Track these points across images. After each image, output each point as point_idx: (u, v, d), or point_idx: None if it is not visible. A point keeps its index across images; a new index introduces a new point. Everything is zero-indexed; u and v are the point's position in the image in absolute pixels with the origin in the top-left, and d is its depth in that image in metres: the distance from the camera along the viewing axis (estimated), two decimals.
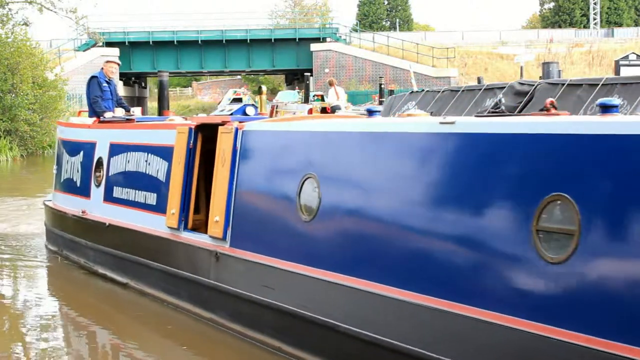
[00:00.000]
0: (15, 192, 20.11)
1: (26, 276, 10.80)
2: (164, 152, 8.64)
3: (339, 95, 24.63)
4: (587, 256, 4.39)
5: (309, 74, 36.82)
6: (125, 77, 56.33)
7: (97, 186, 10.08)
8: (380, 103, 31.28)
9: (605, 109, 4.79)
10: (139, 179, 9.14)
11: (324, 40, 55.49)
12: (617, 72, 35.32)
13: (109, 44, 51.47)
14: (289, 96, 39.92)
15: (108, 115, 10.64)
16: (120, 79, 51.65)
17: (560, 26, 76.64)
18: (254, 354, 6.80)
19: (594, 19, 72.86)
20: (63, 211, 11.02)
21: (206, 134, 8.25)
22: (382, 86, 38.21)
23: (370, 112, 6.91)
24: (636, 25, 79.48)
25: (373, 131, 6.14)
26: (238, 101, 42.29)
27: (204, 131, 8.27)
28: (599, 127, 4.54)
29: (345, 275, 5.94)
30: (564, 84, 13.81)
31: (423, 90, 21.61)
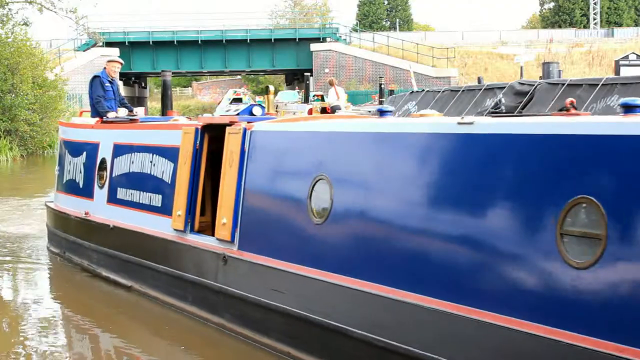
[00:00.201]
0: (15, 192, 20.07)
1: (28, 278, 10.67)
2: (169, 152, 8.49)
3: (339, 95, 24.61)
4: (615, 261, 4.25)
5: (309, 74, 36.78)
6: (125, 77, 56.32)
7: (101, 187, 9.94)
8: (381, 103, 31.29)
9: (629, 109, 4.67)
10: (143, 180, 8.99)
11: (324, 40, 55.50)
12: (617, 72, 35.28)
13: (109, 44, 51.47)
14: (289, 96, 39.86)
15: (111, 115, 10.52)
16: (120, 79, 51.61)
17: (560, 26, 76.62)
18: (263, 358, 6.70)
19: (594, 19, 72.85)
20: (65, 212, 10.88)
21: (212, 134, 8.10)
22: (382, 86, 38.21)
23: (381, 112, 6.70)
24: (636, 25, 79.46)
25: (388, 132, 5.96)
26: (238, 101, 42.23)
27: (210, 131, 8.12)
28: (624, 127, 4.40)
29: (358, 280, 5.78)
30: (564, 84, 13.86)
31: (423, 90, 21.68)
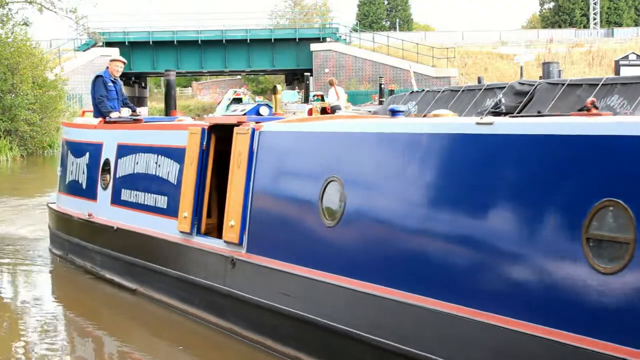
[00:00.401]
0: (15, 192, 20.01)
1: (30, 281, 10.53)
2: (175, 153, 8.34)
3: (339, 95, 24.60)
4: None
5: (308, 74, 36.82)
6: (125, 77, 56.26)
7: (104, 188, 9.79)
8: (381, 103, 31.27)
9: None
10: (148, 182, 8.83)
11: (323, 40, 55.54)
12: (617, 72, 35.29)
13: (109, 44, 51.49)
14: (289, 96, 39.93)
15: (114, 115, 10.39)
16: (120, 79, 51.57)
17: (560, 26, 76.62)
18: None
19: (594, 19, 72.84)
20: (68, 214, 10.74)
21: (219, 134, 7.96)
22: (382, 86, 38.22)
23: (393, 112, 6.51)
24: (636, 25, 79.46)
25: (403, 132, 5.78)
26: (238, 101, 42.34)
27: (217, 132, 7.97)
28: None
29: (371, 284, 5.62)
30: (564, 84, 13.83)
31: (423, 90, 21.67)
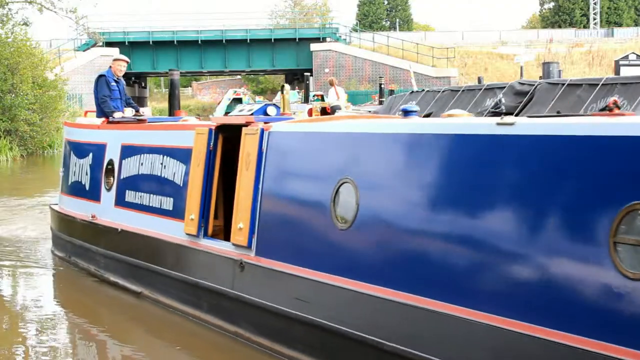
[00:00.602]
0: (15, 192, 19.98)
1: (32, 282, 10.35)
2: (181, 154, 8.18)
3: (339, 95, 24.59)
4: None
5: (308, 74, 36.82)
6: (125, 77, 56.12)
7: (108, 190, 9.63)
8: (381, 103, 31.27)
9: None
10: (153, 183, 8.67)
11: (323, 40, 55.56)
12: (617, 72, 35.29)
13: (109, 44, 51.50)
14: (289, 96, 39.90)
15: (117, 115, 10.26)
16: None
17: (560, 26, 76.62)
18: None
19: (594, 19, 72.85)
20: (71, 215, 10.57)
21: (226, 135, 7.81)
22: (382, 86, 38.20)
23: (406, 112, 6.30)
24: (636, 25, 79.47)
25: (420, 133, 5.61)
26: (238, 101, 42.41)
27: (224, 132, 7.82)
28: None
29: (385, 288, 5.46)
30: (564, 84, 13.83)
31: (423, 90, 21.65)
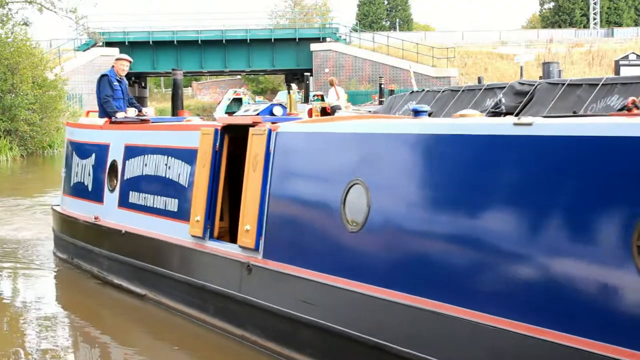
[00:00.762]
0: (15, 192, 19.99)
1: (34, 285, 10.19)
2: (186, 154, 8.07)
3: (339, 95, 24.62)
4: None
5: (308, 74, 36.79)
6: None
7: (111, 191, 9.53)
8: (380, 103, 31.26)
9: None
10: (158, 184, 8.57)
11: (323, 40, 55.55)
12: (617, 72, 35.29)
13: (109, 44, 51.48)
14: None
15: (120, 115, 10.16)
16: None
17: (560, 26, 76.63)
18: None
19: (594, 19, 72.86)
20: (73, 217, 10.47)
21: (232, 135, 7.72)
22: (382, 86, 38.19)
23: (416, 112, 6.16)
24: (636, 25, 79.47)
25: (432, 133, 5.49)
26: (238, 101, 42.44)
27: (230, 132, 7.73)
28: None
29: (396, 292, 5.37)
30: (564, 84, 13.82)
31: (423, 90, 21.64)
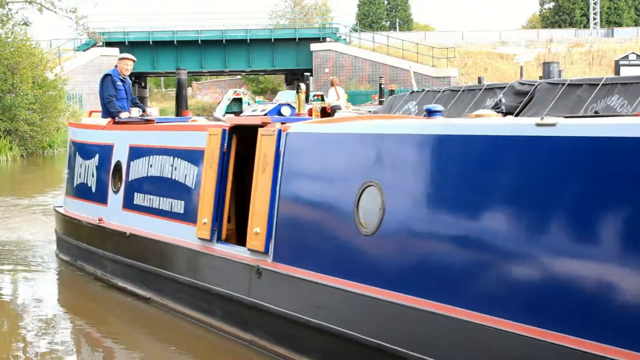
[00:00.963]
0: (16, 192, 19.96)
1: (37, 287, 9.98)
2: (193, 155, 7.92)
3: (339, 95, 24.62)
4: None
5: (308, 74, 36.84)
6: None
7: (115, 192, 9.36)
8: (381, 103, 31.27)
9: None
10: (163, 185, 8.41)
11: (323, 40, 55.59)
12: (617, 72, 35.31)
13: (109, 44, 51.50)
14: (289, 96, 39.94)
15: (124, 115, 10.00)
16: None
17: (560, 26, 76.65)
18: None
19: (594, 19, 72.87)
20: (76, 218, 10.30)
21: (240, 136, 7.60)
22: (382, 86, 38.20)
23: (430, 112, 6.00)
24: (636, 25, 79.49)
25: (450, 134, 5.32)
26: (238, 101, 42.43)
27: (238, 133, 7.59)
28: None
29: (413, 297, 5.24)
30: (564, 84, 13.83)
31: (423, 90, 21.64)
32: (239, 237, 7.56)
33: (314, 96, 31.16)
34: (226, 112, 36.08)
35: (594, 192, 4.36)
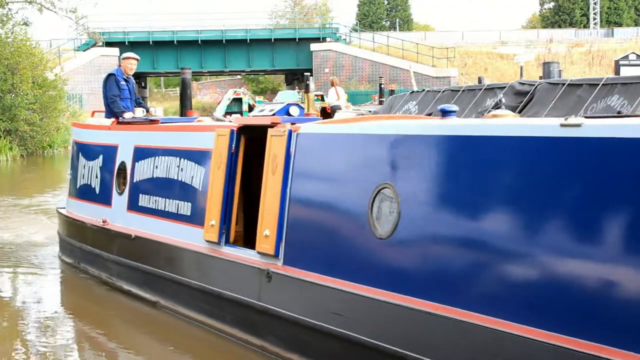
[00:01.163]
0: (16, 192, 19.96)
1: (40, 290, 9.80)
2: (200, 156, 7.80)
3: (339, 95, 24.64)
4: None
5: (308, 74, 36.82)
6: None
7: (120, 193, 9.24)
8: (381, 103, 31.26)
9: None
10: (169, 187, 8.28)
11: (323, 40, 55.61)
12: (617, 72, 35.30)
13: (109, 44, 51.52)
14: (289, 96, 39.94)
15: (127, 115, 9.88)
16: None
17: (560, 26, 76.64)
18: None
19: (594, 19, 72.86)
20: (80, 220, 10.18)
21: (248, 136, 7.48)
22: (382, 86, 38.19)
23: (444, 112, 5.85)
24: (636, 25, 79.48)
25: (470, 135, 5.17)
26: (238, 101, 42.41)
27: (246, 133, 7.47)
28: None
29: (428, 302, 5.11)
30: (564, 84, 13.82)
31: (423, 90, 21.64)
32: (246, 240, 7.47)
33: (314, 96, 31.15)
34: (226, 112, 36.06)
35: (624, 194, 4.24)
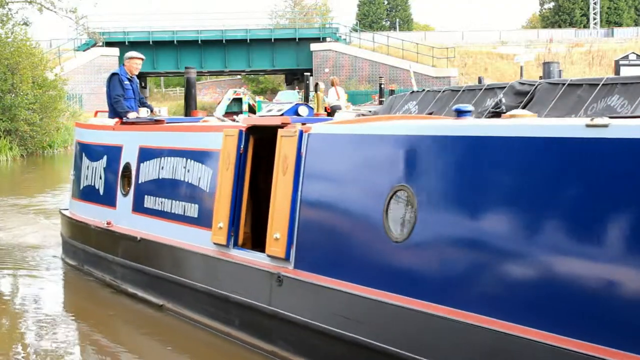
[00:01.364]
0: (16, 192, 19.92)
1: (43, 293, 9.62)
2: (207, 157, 7.66)
3: (340, 95, 24.65)
4: None
5: (308, 73, 36.82)
6: None
7: (125, 195, 9.08)
8: (381, 103, 31.26)
9: None
10: (176, 188, 8.12)
11: (323, 40, 55.65)
12: (617, 72, 35.29)
13: (109, 44, 51.57)
14: (289, 96, 39.98)
15: (132, 115, 9.72)
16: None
17: (560, 26, 76.65)
18: None
19: (594, 18, 72.88)
20: (84, 222, 10.01)
21: (257, 137, 7.35)
22: (382, 86, 38.19)
23: (459, 112, 5.69)
24: (636, 25, 79.50)
25: (490, 135, 5.02)
26: (238, 101, 42.44)
27: (255, 134, 7.33)
28: None
29: (445, 307, 4.98)
30: (564, 84, 13.82)
31: (423, 90, 21.63)
32: (254, 242, 7.37)
33: (314, 96, 31.16)
34: (226, 112, 36.08)
35: None
